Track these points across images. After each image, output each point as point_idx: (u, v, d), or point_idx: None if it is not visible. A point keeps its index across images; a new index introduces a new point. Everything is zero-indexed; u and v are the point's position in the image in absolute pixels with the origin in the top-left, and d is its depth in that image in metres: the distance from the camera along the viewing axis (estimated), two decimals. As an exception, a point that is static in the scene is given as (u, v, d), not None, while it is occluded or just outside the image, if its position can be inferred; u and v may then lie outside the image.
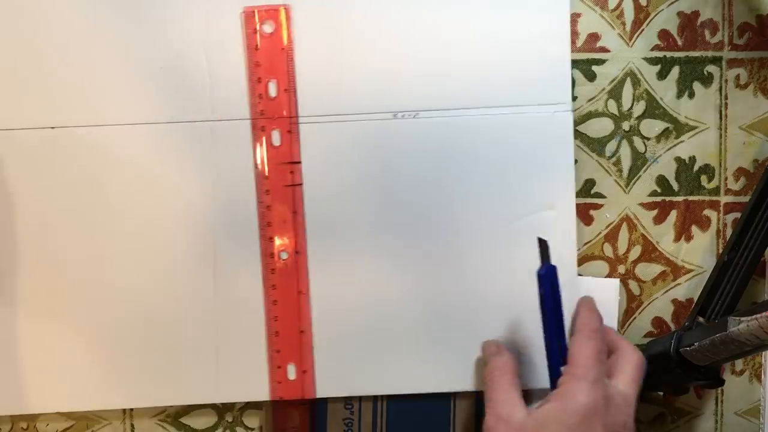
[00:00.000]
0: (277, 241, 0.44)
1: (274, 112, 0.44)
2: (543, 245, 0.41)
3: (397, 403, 0.46)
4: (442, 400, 0.46)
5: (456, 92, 0.44)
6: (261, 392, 0.45)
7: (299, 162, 0.44)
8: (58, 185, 0.44)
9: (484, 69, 0.44)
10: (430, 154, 0.44)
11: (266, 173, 0.44)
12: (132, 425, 0.47)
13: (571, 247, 0.45)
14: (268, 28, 0.44)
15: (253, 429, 0.47)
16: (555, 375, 0.40)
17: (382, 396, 0.46)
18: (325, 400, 0.46)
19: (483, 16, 0.44)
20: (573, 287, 0.44)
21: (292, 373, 0.45)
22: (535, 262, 0.41)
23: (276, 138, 0.44)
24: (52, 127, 0.44)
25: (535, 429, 0.37)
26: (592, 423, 0.37)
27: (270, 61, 0.44)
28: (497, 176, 0.44)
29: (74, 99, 0.44)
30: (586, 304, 0.43)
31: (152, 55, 0.44)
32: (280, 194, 0.44)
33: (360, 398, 0.46)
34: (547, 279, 0.40)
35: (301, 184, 0.44)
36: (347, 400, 0.46)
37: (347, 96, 0.44)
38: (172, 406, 0.46)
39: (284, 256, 0.44)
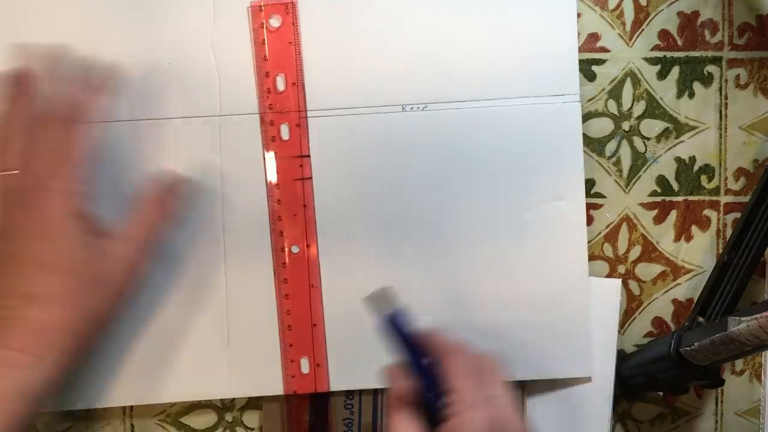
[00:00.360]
0: (288, 235, 0.44)
1: (283, 106, 0.44)
2: (377, 297, 0.39)
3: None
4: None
5: (464, 85, 0.44)
6: (274, 386, 0.45)
7: (308, 156, 0.44)
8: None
9: (492, 61, 0.44)
10: (439, 146, 0.44)
11: (276, 167, 0.44)
12: (132, 425, 0.47)
13: (582, 236, 0.45)
14: (275, 22, 0.44)
15: (253, 429, 0.47)
16: (434, 409, 0.37)
17: (382, 390, 0.46)
18: (325, 399, 0.46)
19: (490, 8, 0.44)
20: (585, 275, 0.45)
21: (305, 366, 0.45)
22: (546, 255, 0.41)
23: (285, 132, 0.44)
24: None
25: None
26: None
27: (277, 56, 0.44)
28: (506, 168, 0.45)
29: None
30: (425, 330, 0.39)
31: (160, 50, 0.44)
32: (290, 188, 0.44)
33: (360, 393, 0.46)
34: (395, 326, 0.38)
35: (310, 178, 0.44)
36: (348, 396, 0.46)
37: (356, 89, 0.44)
38: (172, 406, 0.47)
39: (295, 249, 0.45)
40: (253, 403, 0.47)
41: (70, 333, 0.37)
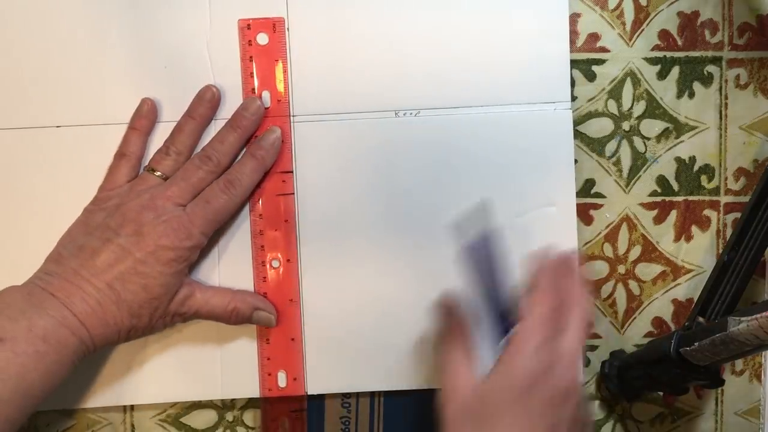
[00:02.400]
0: (269, 250, 0.44)
1: (268, 122, 0.44)
2: (476, 212, 0.40)
3: (395, 399, 0.46)
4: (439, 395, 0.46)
5: (457, 91, 0.44)
6: (255, 393, 0.45)
7: (291, 171, 0.44)
8: (62, 184, 0.44)
9: (484, 67, 0.44)
10: (431, 152, 0.44)
11: (259, 182, 0.44)
12: (132, 425, 0.47)
13: (573, 243, 0.45)
14: (262, 39, 0.44)
15: (253, 428, 0.47)
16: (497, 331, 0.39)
17: (379, 392, 0.46)
18: (322, 400, 0.46)
19: (483, 15, 0.44)
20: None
21: (282, 380, 0.45)
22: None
23: None
24: (57, 126, 0.44)
25: (480, 407, 0.35)
26: (532, 393, 0.35)
27: (264, 73, 0.44)
28: (498, 174, 0.44)
29: (79, 98, 0.44)
30: (542, 260, 0.40)
31: (156, 54, 0.44)
32: (273, 203, 0.44)
33: (357, 395, 0.46)
34: (484, 247, 0.39)
35: (293, 194, 0.44)
36: (344, 398, 0.46)
37: (349, 95, 0.44)
38: (172, 407, 0.47)
39: (276, 264, 0.44)
40: (254, 402, 0.47)
41: (114, 335, 0.40)
